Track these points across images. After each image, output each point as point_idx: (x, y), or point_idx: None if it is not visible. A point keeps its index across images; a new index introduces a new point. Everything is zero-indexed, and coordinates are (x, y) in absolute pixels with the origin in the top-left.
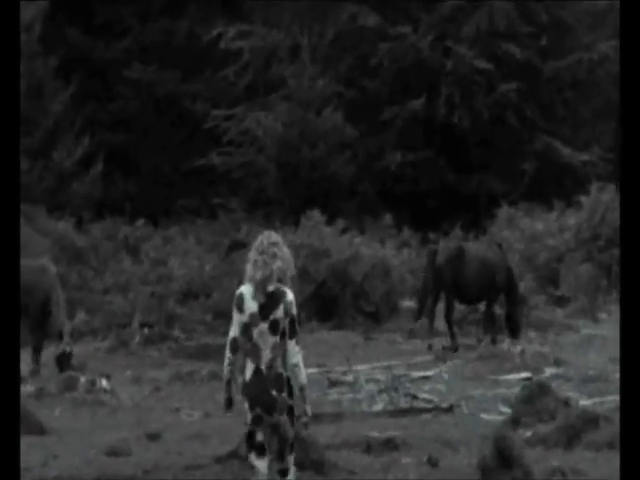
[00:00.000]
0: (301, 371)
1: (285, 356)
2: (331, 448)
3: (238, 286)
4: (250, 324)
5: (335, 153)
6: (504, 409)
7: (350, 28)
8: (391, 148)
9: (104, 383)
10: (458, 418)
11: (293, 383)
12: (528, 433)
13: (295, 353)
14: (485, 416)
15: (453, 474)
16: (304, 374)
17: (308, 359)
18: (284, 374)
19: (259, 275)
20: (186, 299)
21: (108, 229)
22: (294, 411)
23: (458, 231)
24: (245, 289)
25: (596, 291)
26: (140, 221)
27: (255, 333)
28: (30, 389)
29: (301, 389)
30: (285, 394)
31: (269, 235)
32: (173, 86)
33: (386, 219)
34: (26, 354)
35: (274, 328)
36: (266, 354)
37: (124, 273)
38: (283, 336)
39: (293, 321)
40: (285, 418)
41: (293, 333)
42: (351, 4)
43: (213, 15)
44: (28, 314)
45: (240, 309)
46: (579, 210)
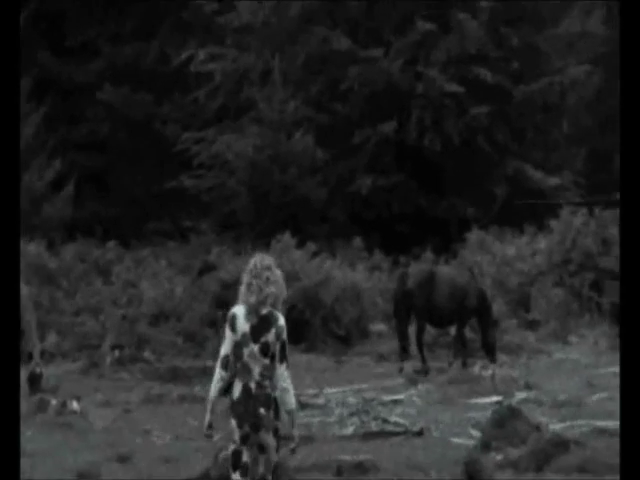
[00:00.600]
0: (290, 396)
1: (274, 379)
2: (301, 471)
3: (209, 309)
4: (241, 344)
5: (306, 176)
6: (475, 433)
7: (321, 51)
8: (362, 172)
9: (74, 405)
10: (429, 442)
11: (281, 407)
12: (499, 457)
13: (285, 377)
14: (456, 440)
15: None
16: (293, 399)
17: None
18: (272, 395)
19: (253, 299)
20: (157, 321)
21: (79, 251)
22: (280, 434)
23: (429, 254)
24: (238, 310)
25: (567, 315)
26: (111, 243)
27: (245, 353)
28: None
29: (289, 413)
30: (272, 413)
31: (262, 258)
32: (144, 108)
33: (357, 242)
34: None
35: (264, 350)
36: (255, 374)
37: (95, 295)
38: (273, 359)
39: (284, 346)
40: (272, 438)
41: (283, 358)
42: (322, 28)
43: (184, 37)
44: None
45: (233, 329)
46: (550, 234)
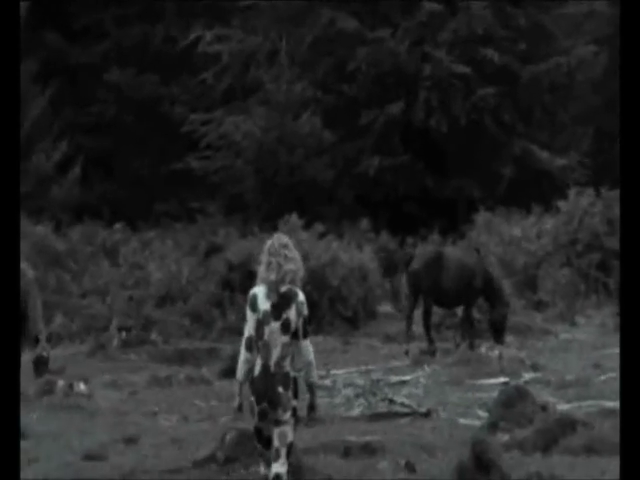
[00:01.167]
0: (314, 369)
1: (294, 356)
2: (309, 452)
3: (215, 290)
4: (263, 322)
5: (313, 158)
6: (482, 414)
7: (328, 32)
8: (369, 153)
9: (82, 387)
10: (436, 423)
11: (304, 379)
12: (506, 438)
13: (310, 352)
14: (463, 421)
15: (431, 479)
16: (315, 372)
17: None
18: (291, 374)
19: (272, 277)
20: (164, 303)
21: (86, 233)
22: (297, 414)
23: (436, 236)
24: (258, 290)
25: (574, 296)
26: (118, 225)
27: (267, 331)
28: None
29: (311, 385)
30: (290, 393)
31: (279, 237)
32: (151, 90)
33: (364, 224)
34: None
35: (285, 328)
36: (276, 352)
37: (102, 277)
38: (293, 336)
39: (305, 321)
40: (289, 416)
41: (306, 332)
42: (329, 9)
43: (191, 19)
44: None
45: (254, 309)
46: (557, 215)
